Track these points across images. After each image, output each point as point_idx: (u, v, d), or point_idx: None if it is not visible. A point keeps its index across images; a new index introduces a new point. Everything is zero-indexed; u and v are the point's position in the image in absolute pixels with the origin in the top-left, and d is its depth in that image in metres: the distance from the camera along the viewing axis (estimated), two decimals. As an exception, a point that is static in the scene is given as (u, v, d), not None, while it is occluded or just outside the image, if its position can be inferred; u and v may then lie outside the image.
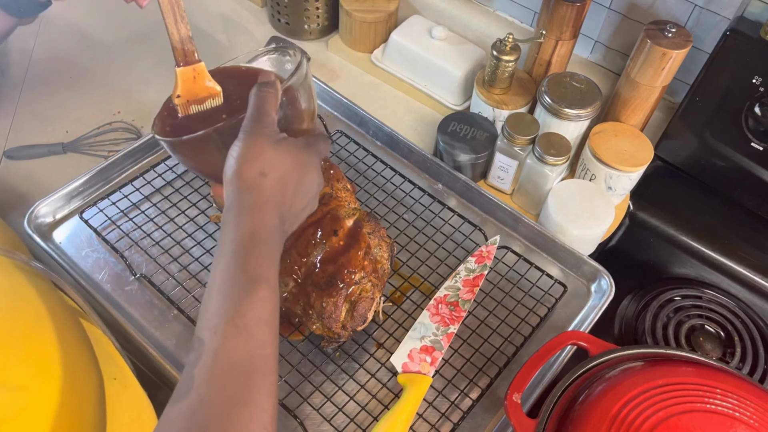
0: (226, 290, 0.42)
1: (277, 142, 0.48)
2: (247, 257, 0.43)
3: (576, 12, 0.79)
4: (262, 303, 0.42)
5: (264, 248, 0.45)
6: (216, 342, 0.40)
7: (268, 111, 0.49)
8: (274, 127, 0.49)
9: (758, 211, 0.82)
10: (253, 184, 0.46)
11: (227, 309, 0.41)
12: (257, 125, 0.48)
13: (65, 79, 0.96)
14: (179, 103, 0.57)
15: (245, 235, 0.44)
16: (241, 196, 0.46)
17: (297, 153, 0.49)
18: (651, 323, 0.75)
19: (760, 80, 0.72)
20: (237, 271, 0.43)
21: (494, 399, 0.67)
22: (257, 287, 0.43)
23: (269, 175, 0.46)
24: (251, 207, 0.45)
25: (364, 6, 0.98)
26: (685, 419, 0.52)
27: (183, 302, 0.71)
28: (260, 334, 0.41)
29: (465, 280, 0.73)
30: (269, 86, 0.51)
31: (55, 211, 0.78)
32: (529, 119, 0.79)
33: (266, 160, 0.46)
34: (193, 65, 0.58)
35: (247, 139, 0.47)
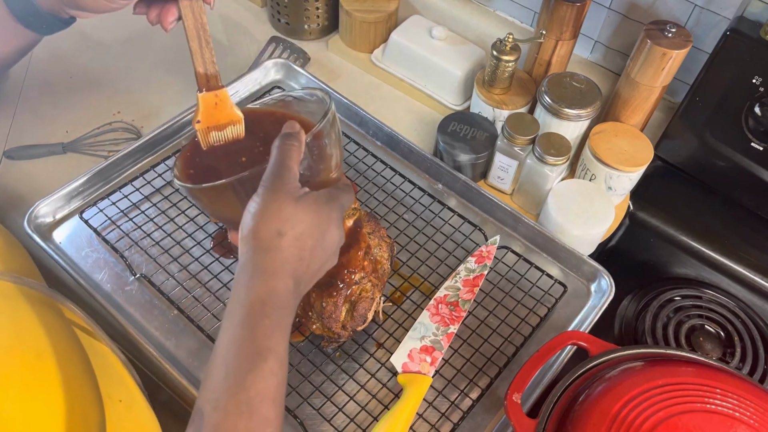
0: (230, 361, 0.40)
1: (297, 200, 0.46)
2: (256, 327, 0.42)
3: (576, 12, 0.79)
4: (268, 378, 0.40)
5: (275, 317, 0.42)
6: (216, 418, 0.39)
7: (290, 165, 0.47)
8: (295, 183, 0.47)
9: (758, 211, 0.82)
10: (269, 244, 0.44)
11: (231, 383, 0.40)
12: (278, 181, 0.46)
13: (65, 79, 0.96)
14: (199, 128, 0.56)
15: (255, 303, 0.42)
16: (256, 256, 0.44)
17: (318, 209, 0.47)
18: (651, 323, 0.75)
19: (760, 80, 0.72)
20: (244, 341, 0.41)
21: (494, 399, 0.67)
22: (264, 361, 0.41)
23: (287, 235, 0.44)
24: (265, 270, 0.43)
25: (364, 6, 0.98)
26: (685, 419, 0.52)
27: (183, 302, 0.71)
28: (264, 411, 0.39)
29: (465, 280, 0.73)
30: (293, 138, 0.49)
31: (55, 211, 0.78)
32: (529, 119, 0.79)
33: (284, 219, 0.44)
34: (216, 91, 0.56)
35: (266, 196, 0.45)
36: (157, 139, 0.85)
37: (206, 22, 0.55)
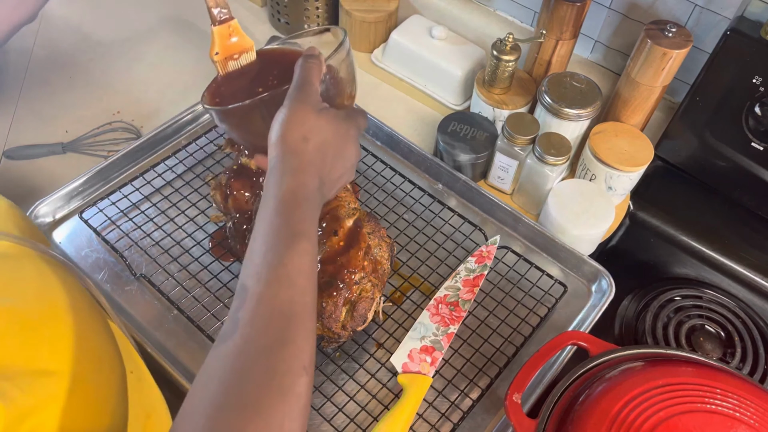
0: (269, 242, 0.45)
1: (320, 111, 0.50)
2: (289, 213, 0.46)
3: (576, 12, 0.78)
4: (302, 255, 0.45)
5: (305, 206, 0.47)
6: (259, 288, 0.43)
7: (312, 81, 0.52)
8: (317, 97, 0.52)
9: (758, 211, 0.82)
10: (296, 148, 0.49)
11: (270, 259, 0.44)
12: (302, 94, 0.51)
13: (65, 79, 0.96)
14: (218, 59, 0.60)
15: (287, 194, 0.47)
16: (285, 158, 0.48)
17: (337, 123, 0.51)
18: (651, 323, 0.75)
19: (760, 80, 0.72)
20: (280, 226, 0.46)
21: (494, 399, 0.67)
22: (298, 241, 0.45)
23: (311, 141, 0.49)
24: (294, 169, 0.48)
25: (364, 6, 0.97)
26: (685, 419, 0.52)
27: (183, 302, 0.71)
28: (301, 282, 0.44)
29: (465, 280, 0.73)
30: (314, 58, 0.53)
31: (54, 211, 0.78)
32: (529, 119, 0.79)
33: (309, 127, 0.49)
34: (228, 23, 0.60)
35: (292, 106, 0.50)
36: (156, 139, 0.85)
37: None
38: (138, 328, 0.69)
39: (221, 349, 0.41)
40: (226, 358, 0.41)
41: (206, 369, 0.41)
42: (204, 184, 0.82)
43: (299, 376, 0.41)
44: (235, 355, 0.40)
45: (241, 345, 0.41)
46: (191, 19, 1.07)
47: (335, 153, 0.51)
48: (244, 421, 0.38)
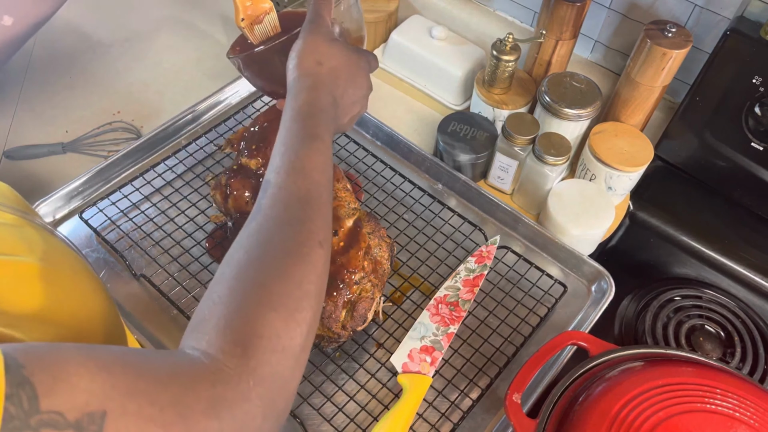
0: (287, 144, 0.49)
1: (332, 41, 0.54)
2: (305, 119, 0.50)
3: (576, 12, 0.78)
4: (317, 154, 0.49)
5: (320, 116, 0.51)
6: (279, 179, 0.47)
7: (323, 14, 0.56)
8: (329, 28, 0.55)
9: (758, 211, 0.82)
10: (311, 70, 0.52)
11: (289, 156, 0.48)
12: (314, 26, 0.54)
13: (65, 79, 0.96)
14: (244, 25, 0.62)
15: (303, 105, 0.51)
16: (301, 79, 0.52)
17: (349, 52, 0.55)
18: (651, 323, 0.75)
19: (760, 80, 0.72)
20: (297, 129, 0.49)
21: (494, 399, 0.67)
22: (313, 142, 0.49)
23: (324, 65, 0.53)
24: (309, 86, 0.52)
25: (364, 6, 0.97)
26: (685, 419, 0.52)
27: (183, 302, 0.71)
28: (316, 176, 0.48)
29: (465, 280, 0.73)
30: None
31: (55, 211, 0.78)
32: (529, 119, 0.79)
33: (322, 53, 0.53)
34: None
35: (306, 37, 0.54)
36: (156, 139, 0.85)
37: None
38: (138, 328, 0.69)
39: (247, 228, 0.45)
40: (250, 235, 0.44)
41: (233, 246, 0.44)
42: (204, 184, 0.82)
43: (316, 247, 0.44)
44: (257, 230, 0.45)
45: (262, 222, 0.45)
46: (191, 19, 1.07)
47: (347, 78, 0.54)
48: (266, 277, 0.41)
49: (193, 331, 0.40)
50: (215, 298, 0.41)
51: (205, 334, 0.39)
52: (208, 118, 0.90)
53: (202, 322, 0.40)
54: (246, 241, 0.44)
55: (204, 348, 0.38)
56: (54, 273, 0.49)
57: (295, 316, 0.41)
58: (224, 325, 0.39)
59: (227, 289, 0.41)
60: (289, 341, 0.40)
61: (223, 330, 0.38)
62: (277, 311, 0.40)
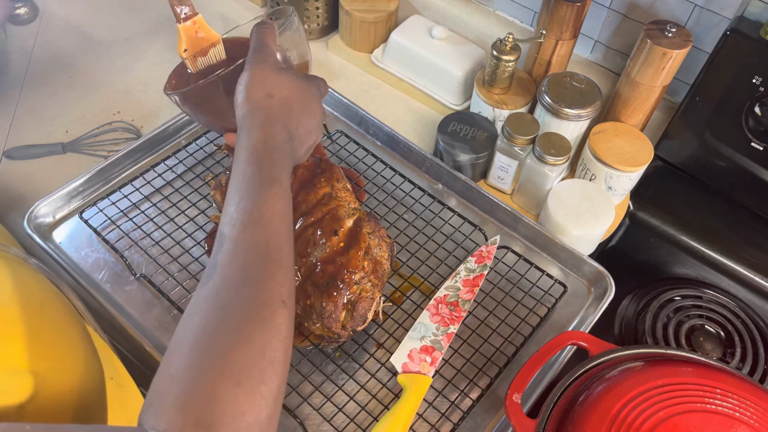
0: (242, 191, 0.46)
1: (280, 70, 0.52)
2: (260, 161, 0.47)
3: (576, 12, 0.78)
4: (275, 200, 0.46)
5: (275, 155, 0.48)
6: (235, 232, 0.44)
7: (268, 44, 0.54)
8: (275, 58, 0.53)
9: (758, 211, 0.82)
10: (261, 103, 0.50)
11: (245, 205, 0.45)
12: (260, 55, 0.53)
13: (65, 79, 0.96)
14: (186, 56, 0.61)
15: (257, 145, 0.48)
16: (252, 114, 0.50)
17: (299, 81, 0.53)
18: (651, 323, 0.75)
19: (760, 80, 0.72)
20: (252, 174, 0.47)
21: (494, 399, 0.67)
22: (270, 186, 0.46)
23: (275, 96, 0.51)
24: (261, 122, 0.49)
25: (364, 6, 0.97)
26: (685, 419, 0.52)
27: (183, 302, 0.71)
28: (275, 225, 0.45)
29: (465, 280, 0.73)
30: (267, 25, 0.56)
31: (54, 211, 0.78)
32: (529, 119, 0.79)
33: (271, 84, 0.51)
34: (193, 19, 0.61)
35: (253, 68, 0.52)
36: (156, 139, 0.85)
37: None
38: (138, 328, 0.69)
39: (202, 291, 0.42)
40: (207, 297, 0.42)
41: (189, 310, 0.42)
42: (204, 184, 0.82)
43: (278, 308, 0.42)
44: (215, 292, 0.42)
45: (219, 284, 0.42)
46: (191, 19, 1.07)
47: (300, 107, 0.52)
48: (226, 346, 0.39)
49: (152, 407, 0.37)
50: (173, 371, 0.38)
51: (165, 412, 0.36)
52: (208, 118, 0.90)
53: (161, 396, 0.38)
54: (203, 305, 0.41)
55: (164, 428, 0.36)
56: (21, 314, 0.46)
57: (260, 389, 0.39)
58: (184, 403, 0.37)
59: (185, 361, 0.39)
60: (255, 417, 0.38)
61: (184, 408, 0.36)
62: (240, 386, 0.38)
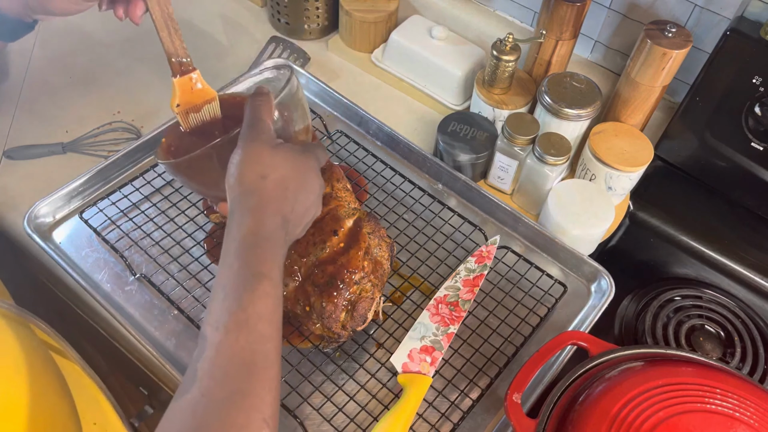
0: (228, 287, 0.43)
1: (275, 146, 0.49)
2: (249, 254, 0.45)
3: (576, 12, 0.79)
4: (263, 299, 0.43)
5: (266, 246, 0.45)
6: (218, 337, 0.41)
7: (263, 118, 0.51)
8: (270, 133, 0.50)
9: (758, 211, 0.82)
10: (254, 186, 0.47)
11: (229, 305, 0.43)
12: (254, 131, 0.49)
13: (65, 79, 0.96)
14: (178, 111, 0.59)
15: (247, 236, 0.45)
16: (243, 198, 0.47)
17: (295, 156, 0.50)
18: (651, 323, 0.75)
19: (760, 80, 0.72)
20: (239, 268, 0.44)
21: (494, 399, 0.67)
22: (259, 283, 0.43)
23: (269, 177, 0.47)
24: (253, 208, 0.46)
25: (364, 6, 0.97)
26: (685, 419, 0.52)
27: (183, 302, 0.71)
28: (261, 329, 0.42)
29: (465, 280, 0.73)
30: (262, 96, 0.53)
31: (54, 211, 0.78)
32: (529, 119, 0.79)
33: (265, 163, 0.48)
34: (190, 74, 0.59)
35: (246, 146, 0.49)
36: (156, 139, 0.85)
37: (172, 11, 0.57)
38: (138, 328, 0.69)
39: (180, 402, 0.40)
40: (185, 412, 0.39)
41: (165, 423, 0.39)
42: (204, 184, 0.82)
43: (259, 429, 0.39)
44: (193, 408, 0.39)
45: (198, 398, 0.39)
46: (191, 19, 1.07)
47: (297, 187, 0.49)
48: None
49: None
50: None
51: None
52: (208, 118, 0.90)
53: None
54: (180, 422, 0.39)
55: None
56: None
57: None
58: None
59: None
60: None
61: None
62: None
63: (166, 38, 0.57)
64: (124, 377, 1.06)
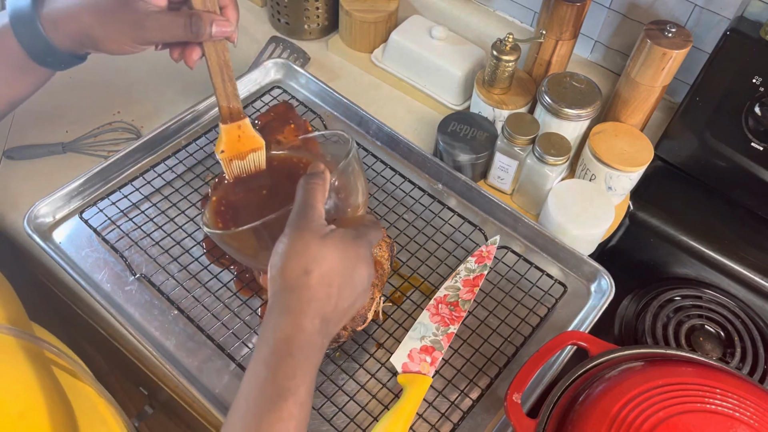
0: (251, 401, 0.42)
1: (324, 237, 0.46)
2: (279, 366, 0.42)
3: (576, 12, 0.79)
4: (285, 420, 0.41)
5: (299, 356, 0.43)
6: None
7: (315, 204, 0.48)
8: (320, 221, 0.48)
9: (758, 211, 0.82)
10: (296, 283, 0.45)
11: (248, 422, 0.41)
12: (303, 220, 0.47)
13: (65, 79, 0.96)
14: (223, 158, 0.58)
15: (280, 341, 0.43)
16: (283, 296, 0.45)
17: (345, 247, 0.47)
18: (651, 323, 0.75)
19: (760, 80, 0.72)
20: (266, 381, 0.42)
21: (494, 399, 0.67)
22: (284, 403, 0.41)
23: (313, 273, 0.45)
24: (291, 309, 0.44)
25: (364, 6, 0.97)
26: (685, 419, 0.52)
27: (183, 302, 0.71)
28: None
29: (465, 280, 0.73)
30: (317, 177, 0.50)
31: (54, 211, 0.78)
32: (529, 119, 0.79)
33: (311, 257, 0.45)
34: (238, 122, 0.58)
35: (293, 235, 0.46)
36: (156, 139, 0.85)
37: (229, 59, 0.56)
38: (138, 328, 0.69)
39: None
40: None
41: None
42: (204, 184, 0.82)
43: None
44: None
45: None
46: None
47: (343, 281, 0.46)
48: None
49: None
50: None
51: None
52: (209, 118, 0.90)
53: None
54: None
55: None
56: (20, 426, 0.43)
57: None
58: None
59: None
60: None
61: None
62: None
63: (219, 84, 0.56)
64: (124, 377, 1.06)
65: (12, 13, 0.56)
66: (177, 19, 0.53)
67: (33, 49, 0.56)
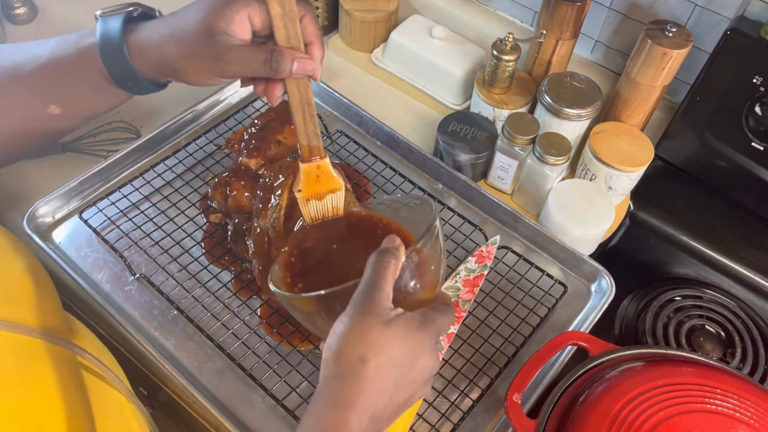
0: None
1: (387, 323, 0.43)
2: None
3: (576, 12, 0.78)
4: None
5: None
6: None
7: (383, 285, 0.45)
8: (386, 304, 0.44)
9: (758, 211, 0.82)
10: (350, 371, 0.42)
11: None
12: (368, 302, 0.44)
13: (65, 79, 0.96)
14: (300, 197, 0.58)
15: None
16: (334, 383, 0.42)
17: (409, 335, 0.44)
18: (651, 323, 0.75)
19: (760, 80, 0.72)
20: None
21: (494, 399, 0.67)
22: None
23: (370, 362, 0.42)
24: (340, 401, 0.41)
25: (364, 6, 0.97)
26: (685, 419, 0.52)
27: (183, 302, 0.71)
28: None
29: (465, 280, 0.73)
30: (390, 255, 0.46)
31: (54, 211, 0.78)
32: (529, 119, 0.79)
33: (370, 344, 0.42)
34: (318, 162, 0.57)
35: (354, 317, 0.43)
36: (156, 139, 0.85)
37: (311, 97, 0.55)
38: (138, 328, 0.69)
39: None
40: None
41: None
42: (204, 184, 0.82)
43: None
44: None
45: None
46: (191, 19, 1.06)
47: (401, 374, 0.43)
48: None
49: None
50: None
51: None
52: (208, 118, 0.90)
53: None
54: None
55: None
56: None
57: None
58: None
59: None
60: None
61: None
62: None
63: (299, 122, 0.55)
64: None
65: (101, 36, 0.57)
66: (258, 54, 0.52)
67: (116, 73, 0.57)
